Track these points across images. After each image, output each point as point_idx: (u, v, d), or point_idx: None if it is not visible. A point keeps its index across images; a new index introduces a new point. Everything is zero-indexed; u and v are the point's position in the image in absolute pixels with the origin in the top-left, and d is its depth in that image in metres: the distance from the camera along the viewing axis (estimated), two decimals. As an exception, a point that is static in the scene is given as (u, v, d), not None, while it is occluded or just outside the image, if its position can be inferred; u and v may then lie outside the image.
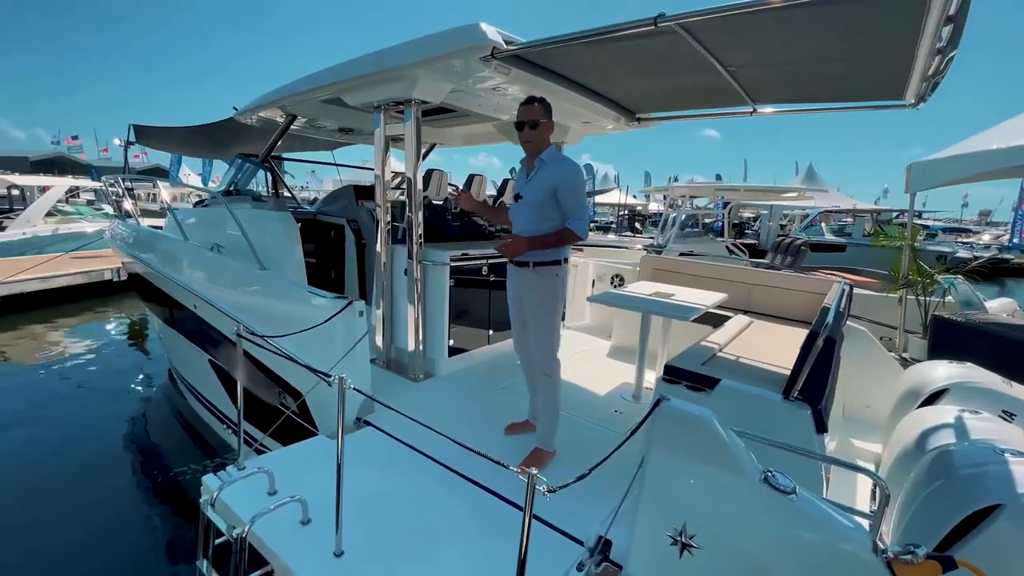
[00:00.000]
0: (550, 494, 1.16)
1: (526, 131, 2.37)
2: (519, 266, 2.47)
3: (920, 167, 5.10)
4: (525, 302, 2.50)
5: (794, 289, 3.87)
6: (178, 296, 3.89)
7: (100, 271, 8.98)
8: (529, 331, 2.53)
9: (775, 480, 1.37)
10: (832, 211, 17.54)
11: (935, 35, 2.04)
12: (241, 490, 1.98)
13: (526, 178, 2.44)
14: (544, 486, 1.16)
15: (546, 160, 2.40)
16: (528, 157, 2.45)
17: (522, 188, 2.45)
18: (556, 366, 2.48)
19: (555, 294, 2.46)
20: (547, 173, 2.36)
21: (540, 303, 2.46)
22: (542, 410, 2.52)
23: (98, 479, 3.90)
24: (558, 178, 2.34)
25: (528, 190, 2.41)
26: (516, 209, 2.49)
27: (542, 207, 2.37)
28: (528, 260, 2.42)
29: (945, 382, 2.62)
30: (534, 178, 2.39)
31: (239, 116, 4.40)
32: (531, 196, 2.40)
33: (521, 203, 2.45)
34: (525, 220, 2.42)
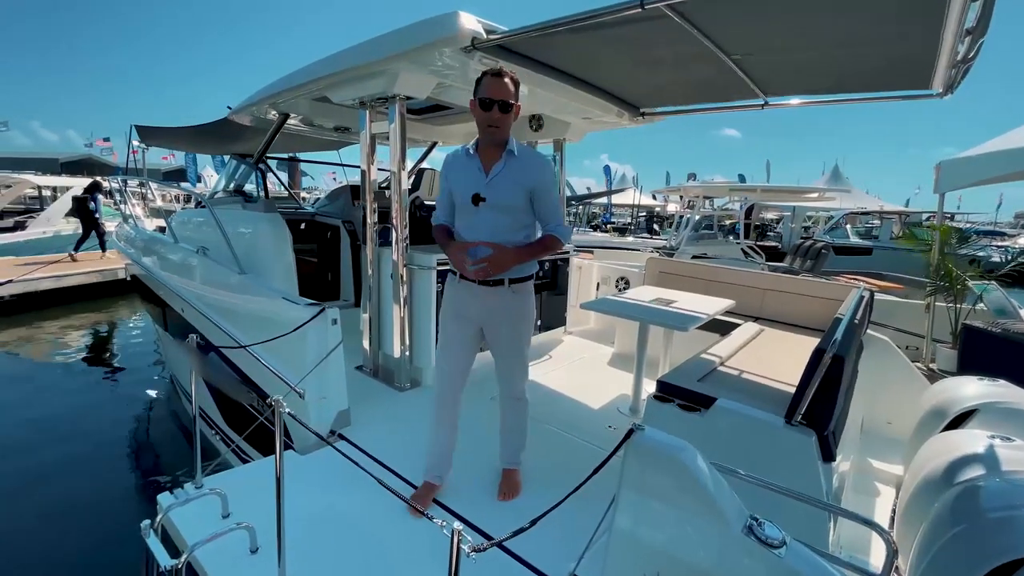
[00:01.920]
0: (476, 553, 0.99)
1: (494, 112, 1.84)
2: (489, 285, 1.98)
3: (950, 165, 4.78)
4: (494, 327, 2.07)
5: (810, 295, 3.61)
6: (168, 299, 3.84)
7: (113, 270, 9.11)
8: (500, 357, 2.14)
9: (761, 531, 1.17)
10: (858, 212, 16.91)
11: (962, 14, 1.81)
12: (193, 512, 1.85)
13: (484, 174, 1.93)
14: (468, 545, 0.99)
15: (518, 154, 1.93)
16: (486, 146, 1.94)
17: (481, 187, 1.91)
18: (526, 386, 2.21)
19: (532, 314, 2.14)
20: (521, 170, 1.92)
21: (516, 326, 2.08)
22: (513, 433, 2.23)
23: (97, 480, 3.87)
24: (537, 177, 1.93)
25: (494, 190, 1.90)
26: (481, 214, 1.93)
27: (517, 212, 1.95)
28: (503, 277, 1.97)
29: (975, 402, 2.37)
30: (501, 175, 1.91)
31: (233, 116, 4.33)
32: (502, 197, 1.91)
33: (486, 207, 1.91)
34: (494, 228, 1.93)
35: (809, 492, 1.44)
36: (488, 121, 1.86)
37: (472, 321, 2.07)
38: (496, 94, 1.83)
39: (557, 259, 4.19)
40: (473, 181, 1.93)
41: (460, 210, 1.99)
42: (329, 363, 2.45)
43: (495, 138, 1.91)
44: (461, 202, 1.97)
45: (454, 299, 2.08)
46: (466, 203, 1.94)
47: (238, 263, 3.08)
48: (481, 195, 1.91)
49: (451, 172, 2.01)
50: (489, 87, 1.84)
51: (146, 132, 6.28)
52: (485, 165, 1.94)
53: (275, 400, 1.42)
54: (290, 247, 3.55)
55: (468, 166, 1.97)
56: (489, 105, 1.84)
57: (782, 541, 1.16)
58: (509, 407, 2.23)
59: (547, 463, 2.48)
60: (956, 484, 1.80)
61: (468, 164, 1.97)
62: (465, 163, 1.98)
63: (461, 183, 1.96)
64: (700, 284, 3.92)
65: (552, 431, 2.78)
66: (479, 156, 1.96)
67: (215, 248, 3.44)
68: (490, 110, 1.84)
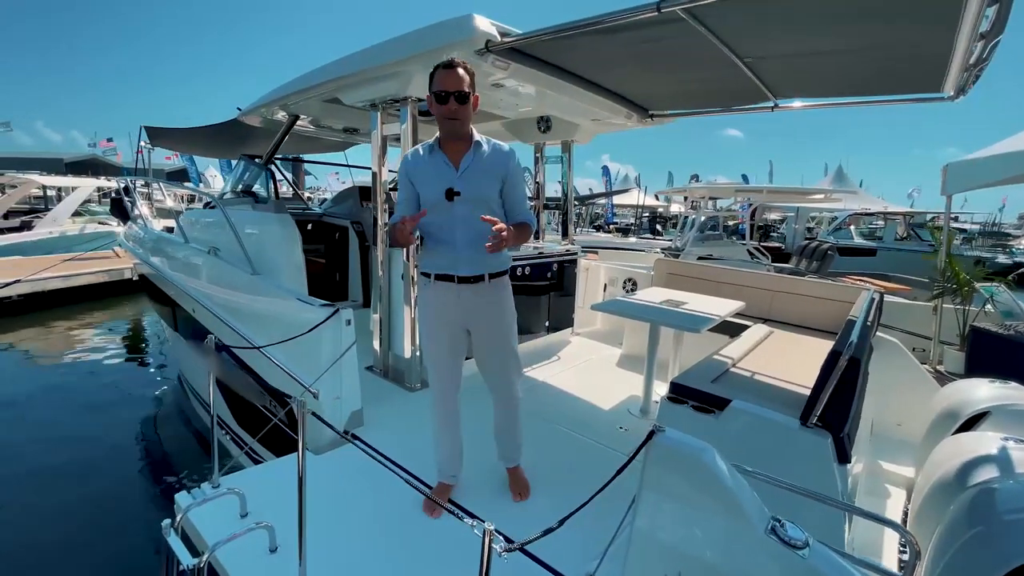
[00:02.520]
0: (508, 553, 1.00)
1: (451, 104, 1.80)
2: (469, 281, 1.94)
3: (958, 167, 4.78)
4: (480, 324, 2.02)
5: (820, 297, 3.61)
6: (179, 300, 3.85)
7: (120, 270, 9.16)
8: (491, 354, 2.09)
9: (784, 532, 1.18)
10: (862, 213, 16.87)
11: (977, 18, 1.81)
12: (211, 511, 1.87)
13: (453, 168, 1.88)
14: (501, 545, 1.00)
15: (484, 145, 1.91)
16: (449, 140, 1.90)
17: (453, 181, 1.86)
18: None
19: (513, 307, 2.09)
20: (491, 160, 1.90)
21: (502, 319, 2.04)
22: (511, 431, 2.21)
23: (104, 475, 3.90)
24: (508, 166, 1.91)
25: (468, 183, 1.86)
26: (455, 209, 1.88)
27: (492, 203, 1.92)
28: (483, 272, 1.95)
29: (987, 404, 2.38)
30: (472, 167, 1.88)
31: (242, 117, 4.35)
32: (477, 190, 1.88)
33: (461, 201, 1.86)
34: (470, 221, 1.86)
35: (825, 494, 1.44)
36: (447, 114, 1.82)
37: (456, 323, 2.02)
38: (451, 86, 1.80)
39: (563, 260, 4.20)
40: (442, 177, 1.87)
41: (430, 207, 1.88)
42: (343, 364, 2.47)
43: (456, 131, 1.87)
44: (432, 199, 1.89)
45: (434, 302, 2.01)
46: (439, 200, 1.87)
47: (251, 264, 3.10)
48: (455, 189, 1.86)
49: (414, 171, 1.93)
50: (442, 80, 1.81)
51: (155, 133, 6.31)
52: (452, 159, 1.89)
53: (298, 400, 1.44)
54: (300, 248, 3.57)
55: (433, 163, 1.90)
56: (445, 98, 1.80)
57: (805, 542, 1.16)
58: (504, 405, 2.18)
59: (560, 464, 2.49)
60: (971, 486, 1.81)
61: (432, 161, 1.90)
62: (428, 160, 1.91)
63: (429, 180, 1.89)
64: (709, 286, 3.92)
65: (563, 432, 2.79)
66: (444, 151, 1.90)
67: (226, 249, 3.45)
68: (447, 103, 1.81)
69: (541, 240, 4.49)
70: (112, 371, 6.19)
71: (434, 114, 1.87)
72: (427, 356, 2.11)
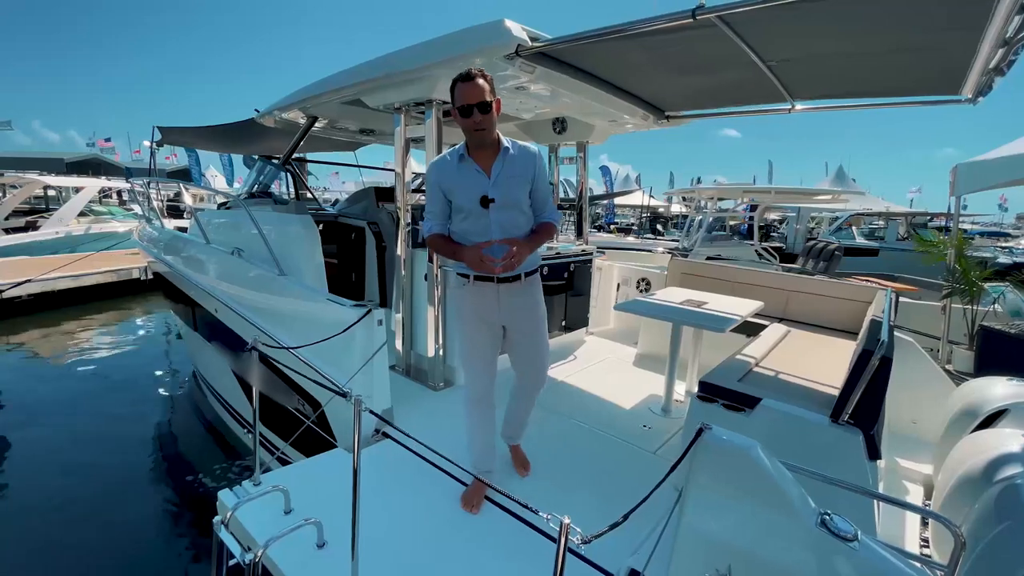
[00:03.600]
0: (585, 545, 1.04)
1: (475, 116, 1.85)
2: (507, 281, 2.01)
3: (968, 168, 4.82)
4: (517, 320, 2.09)
5: (835, 297, 3.66)
6: (200, 299, 3.88)
7: (128, 269, 9.18)
8: (526, 347, 2.17)
9: (834, 524, 1.22)
10: (864, 214, 16.93)
11: (1004, 24, 1.86)
12: (256, 508, 1.90)
13: (485, 176, 1.93)
14: (578, 536, 1.04)
15: (512, 150, 1.96)
16: (478, 148, 1.95)
17: (487, 188, 1.92)
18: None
19: (543, 299, 2.17)
20: (521, 164, 1.96)
21: (535, 313, 2.13)
22: (526, 411, 2.33)
23: (118, 478, 3.92)
24: (535, 167, 1.98)
25: (501, 189, 1.92)
26: (491, 215, 1.94)
27: (523, 206, 1.99)
28: (520, 272, 2.02)
29: (1006, 402, 2.42)
30: (504, 173, 1.93)
31: (260, 119, 4.38)
32: (509, 195, 1.94)
33: (496, 207, 1.92)
34: (505, 226, 1.96)
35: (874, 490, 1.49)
36: (473, 126, 1.88)
37: (494, 322, 2.09)
38: (472, 98, 1.84)
39: (575, 261, 4.24)
40: (476, 184, 1.93)
41: (466, 214, 1.96)
42: (374, 363, 2.51)
43: (484, 140, 1.93)
44: (467, 206, 1.95)
45: (473, 303, 2.07)
46: (473, 206, 1.93)
47: (278, 265, 3.13)
48: (490, 196, 1.92)
49: (445, 178, 1.98)
50: (463, 93, 1.86)
51: (167, 132, 6.34)
52: (483, 166, 1.94)
53: (357, 398, 1.47)
54: (320, 249, 3.60)
55: (464, 170, 1.96)
56: (469, 111, 1.86)
57: (855, 535, 1.21)
58: (533, 387, 2.27)
59: (593, 460, 2.54)
60: (996, 482, 1.85)
61: (463, 168, 1.96)
62: (459, 167, 1.96)
63: (462, 187, 1.95)
64: (723, 286, 3.97)
65: (590, 430, 2.84)
66: (473, 159, 1.95)
67: (250, 249, 3.49)
68: (471, 115, 1.86)
69: (556, 240, 4.53)
70: (123, 369, 6.22)
71: (460, 126, 1.92)
72: (465, 354, 2.16)
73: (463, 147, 1.98)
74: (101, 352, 6.79)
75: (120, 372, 6.13)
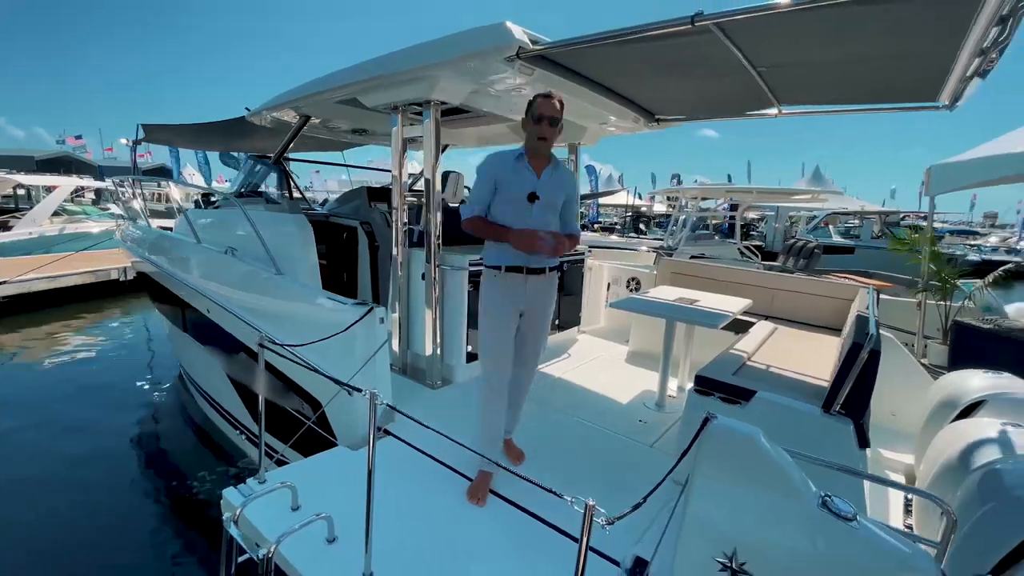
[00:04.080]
0: (609, 526, 1.09)
1: (544, 126, 2.17)
2: (536, 273, 2.26)
3: (942, 169, 5.01)
4: (537, 309, 2.33)
5: (818, 294, 3.79)
6: (190, 299, 3.84)
7: (107, 270, 8.96)
8: (535, 334, 2.39)
9: (834, 505, 1.29)
10: (840, 213, 17.40)
11: (983, 33, 1.96)
12: (263, 505, 1.91)
13: (535, 177, 2.22)
14: (603, 518, 1.08)
15: (560, 164, 2.30)
16: (535, 155, 2.24)
17: (537, 187, 2.20)
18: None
19: (556, 296, 2.43)
20: (564, 178, 2.28)
21: (550, 306, 2.39)
22: (522, 399, 2.50)
23: (105, 482, 3.85)
24: (573, 185, 2.34)
25: (547, 191, 2.21)
26: (535, 210, 2.21)
27: (557, 211, 2.30)
28: (545, 265, 2.27)
29: (983, 393, 2.54)
30: (551, 180, 2.23)
31: (251, 117, 4.34)
32: (552, 197, 2.24)
33: (540, 205, 2.21)
34: (544, 222, 2.23)
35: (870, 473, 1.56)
36: (540, 134, 2.17)
37: (518, 308, 2.30)
38: (548, 112, 2.16)
39: (568, 261, 4.30)
40: (527, 181, 2.21)
41: (513, 205, 2.22)
42: (376, 361, 2.53)
43: (543, 149, 2.23)
44: (515, 198, 2.21)
45: (504, 292, 2.26)
46: (521, 199, 2.20)
47: (274, 264, 3.12)
48: (537, 194, 2.19)
49: (501, 171, 2.23)
50: (542, 107, 2.17)
51: (151, 130, 6.21)
52: (536, 170, 2.23)
53: (372, 393, 1.50)
54: (315, 248, 3.60)
55: (519, 168, 2.22)
56: (541, 120, 2.16)
57: (854, 515, 1.28)
58: (529, 374, 2.46)
59: (594, 455, 2.60)
60: (977, 468, 1.95)
61: (518, 166, 2.22)
62: (515, 165, 2.23)
63: (515, 182, 2.21)
64: (712, 284, 4.07)
65: (589, 425, 2.90)
66: (528, 161, 2.23)
67: (244, 249, 3.46)
68: (541, 123, 2.16)
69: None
70: (105, 372, 6.08)
71: (527, 131, 2.23)
72: (490, 341, 2.30)
73: (522, 150, 2.26)
74: (81, 355, 6.63)
75: (102, 375, 6.00)
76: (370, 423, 1.52)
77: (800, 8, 1.85)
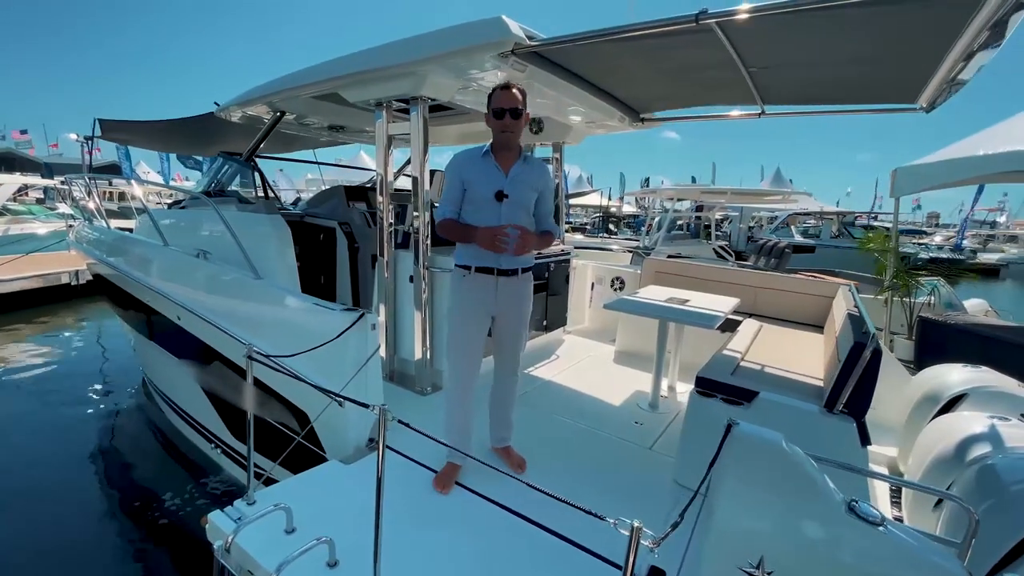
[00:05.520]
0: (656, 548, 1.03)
1: (506, 120, 2.06)
2: (507, 274, 2.17)
3: (907, 172, 5.20)
4: (508, 312, 2.24)
5: (799, 292, 3.87)
6: (157, 305, 3.59)
7: (57, 274, 8.40)
8: (510, 338, 2.31)
9: (862, 510, 1.28)
10: (800, 213, 18.07)
11: (972, 39, 2.01)
12: (255, 530, 1.78)
13: (503, 174, 2.12)
14: (649, 540, 1.02)
15: (530, 159, 2.20)
16: (501, 150, 2.14)
17: (504, 185, 2.11)
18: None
19: (532, 296, 2.32)
20: (533, 173, 2.17)
21: (525, 308, 2.28)
22: (510, 411, 2.42)
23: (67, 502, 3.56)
24: (545, 181, 2.21)
25: (515, 188, 2.12)
26: (503, 209, 2.11)
27: (529, 209, 2.19)
28: (517, 267, 2.19)
29: (963, 387, 2.62)
30: (519, 176, 2.13)
31: (221, 113, 4.12)
32: (521, 195, 2.14)
33: (509, 203, 2.11)
34: (513, 221, 2.10)
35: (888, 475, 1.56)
36: (502, 128, 2.09)
37: (487, 312, 2.23)
38: (507, 103, 2.07)
39: (555, 261, 4.26)
40: (494, 179, 2.12)
41: (479, 205, 2.13)
42: (368, 369, 2.41)
43: (509, 143, 2.13)
44: (482, 197, 2.12)
45: (471, 293, 2.20)
46: (488, 198, 2.11)
47: (253, 268, 2.95)
48: (504, 192, 2.11)
49: (467, 170, 2.15)
50: (500, 99, 2.08)
51: (110, 126, 5.81)
52: (502, 166, 2.14)
53: (382, 408, 1.40)
54: (292, 250, 3.43)
55: (485, 165, 2.14)
56: (502, 114, 2.07)
57: (881, 519, 1.27)
58: (510, 379, 2.39)
59: (587, 458, 2.56)
60: (971, 462, 1.99)
61: (485, 164, 2.14)
62: (482, 163, 2.15)
63: (481, 180, 2.12)
64: (696, 283, 4.10)
65: (582, 428, 2.86)
66: (495, 158, 2.14)
67: (218, 252, 3.27)
68: (503, 118, 2.08)
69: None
70: (59, 383, 5.66)
71: (491, 127, 2.13)
72: (457, 341, 2.26)
73: (488, 147, 2.17)
74: (34, 365, 6.17)
75: (56, 387, 5.58)
76: (380, 439, 1.42)
77: (801, 9, 1.85)
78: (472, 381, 2.27)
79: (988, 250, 25.87)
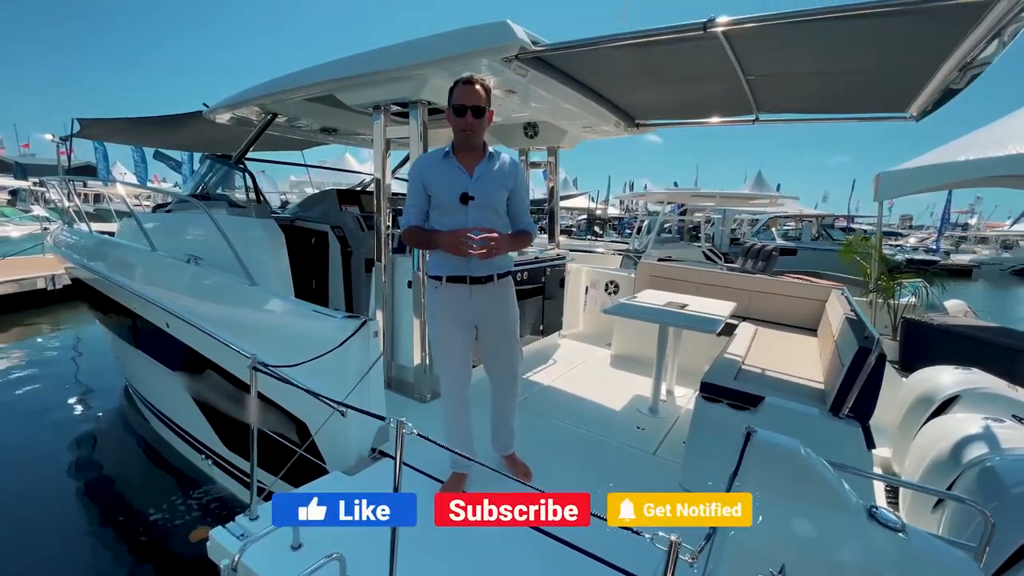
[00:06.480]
0: (694, 561, 1.02)
1: (468, 118, 1.93)
2: (480, 282, 2.07)
3: (890, 176, 5.32)
4: (489, 320, 2.15)
5: (792, 295, 3.92)
6: (144, 312, 3.49)
7: (32, 279, 8.13)
8: (499, 344, 2.22)
9: (883, 516, 1.29)
10: (781, 216, 18.41)
11: (970, 50, 2.05)
12: (261, 547, 1.72)
13: (467, 175, 2.00)
14: (689, 555, 1.01)
15: (496, 156, 2.06)
16: (463, 150, 2.02)
17: (468, 186, 1.99)
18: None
19: (516, 301, 2.22)
20: (504, 171, 2.05)
21: (508, 314, 2.18)
22: (510, 419, 2.35)
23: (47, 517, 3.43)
24: (515, 178, 2.08)
25: (481, 189, 2.00)
26: (469, 212, 1.99)
27: (499, 209, 2.07)
28: (492, 272, 2.08)
29: (956, 388, 2.67)
30: (485, 176, 2.01)
31: (210, 114, 4.02)
32: (488, 196, 2.01)
33: (476, 205, 1.99)
34: (481, 224, 1.97)
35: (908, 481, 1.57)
36: (463, 126, 1.95)
37: (468, 322, 2.14)
38: (469, 100, 1.93)
39: (550, 265, 4.25)
40: (457, 182, 2.00)
41: (444, 209, 2.02)
42: (370, 378, 2.37)
43: (471, 142, 2.01)
44: (446, 201, 2.01)
45: (447, 304, 2.11)
46: (452, 202, 1.99)
47: (248, 274, 2.88)
48: (469, 194, 1.99)
49: (428, 174, 2.04)
50: (462, 94, 1.94)
51: (89, 124, 5.62)
52: (466, 167, 2.02)
53: (399, 421, 1.37)
54: (286, 255, 3.37)
55: (447, 167, 2.02)
56: (463, 111, 1.94)
57: (902, 525, 1.28)
58: (508, 389, 2.31)
59: (591, 465, 2.55)
60: (969, 464, 2.03)
61: (447, 166, 2.02)
62: (443, 165, 2.03)
63: (443, 184, 2.01)
64: (690, 287, 4.13)
65: (584, 433, 2.85)
66: (457, 158, 2.02)
67: (209, 257, 3.18)
68: (464, 116, 1.94)
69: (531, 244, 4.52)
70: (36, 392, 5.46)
71: (451, 125, 1.99)
72: (440, 355, 2.21)
73: (449, 147, 2.05)
74: (8, 372, 5.94)
75: (33, 396, 5.38)
76: (397, 453, 1.39)
77: (808, 19, 1.87)
78: (464, 392, 2.21)
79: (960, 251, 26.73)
